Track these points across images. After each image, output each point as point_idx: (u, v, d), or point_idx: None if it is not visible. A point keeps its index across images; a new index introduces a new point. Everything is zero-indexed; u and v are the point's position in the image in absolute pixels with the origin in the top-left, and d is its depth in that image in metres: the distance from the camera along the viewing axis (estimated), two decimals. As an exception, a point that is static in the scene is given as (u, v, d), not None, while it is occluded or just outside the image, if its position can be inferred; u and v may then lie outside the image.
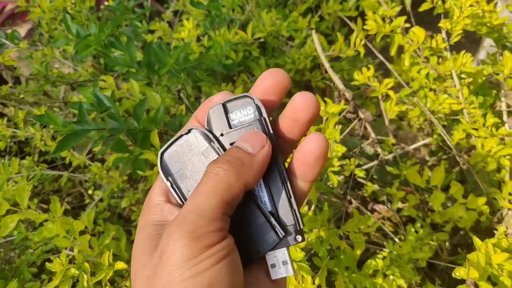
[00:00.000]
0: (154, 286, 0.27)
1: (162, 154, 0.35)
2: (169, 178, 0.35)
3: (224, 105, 0.35)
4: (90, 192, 1.15)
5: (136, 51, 0.81)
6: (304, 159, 0.33)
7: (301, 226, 0.34)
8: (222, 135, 0.35)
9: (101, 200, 0.94)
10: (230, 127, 0.35)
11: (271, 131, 0.34)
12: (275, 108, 0.36)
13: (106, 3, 1.21)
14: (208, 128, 0.35)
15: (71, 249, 0.78)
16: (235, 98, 0.35)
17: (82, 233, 0.72)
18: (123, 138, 0.76)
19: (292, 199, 0.33)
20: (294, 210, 0.33)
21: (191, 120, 0.37)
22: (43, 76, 1.07)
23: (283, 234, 0.33)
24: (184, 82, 0.75)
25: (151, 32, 1.09)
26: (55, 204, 0.73)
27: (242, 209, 0.33)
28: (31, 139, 1.02)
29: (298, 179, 0.34)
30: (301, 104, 0.32)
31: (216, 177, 0.30)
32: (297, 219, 0.33)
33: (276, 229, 0.33)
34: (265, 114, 0.34)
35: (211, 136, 0.35)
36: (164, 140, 0.79)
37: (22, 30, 1.79)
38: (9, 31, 1.24)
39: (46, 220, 0.72)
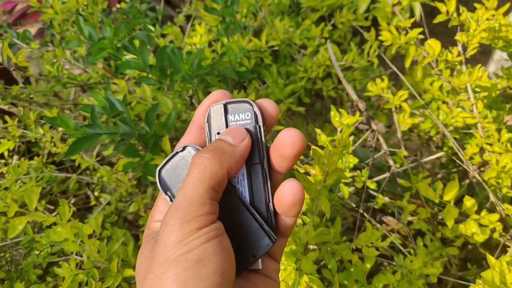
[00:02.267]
0: (152, 267, 0.30)
1: (160, 171, 0.38)
2: (168, 192, 0.37)
3: (225, 106, 0.37)
4: (96, 194, 1.14)
5: (148, 55, 0.80)
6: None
7: (274, 233, 0.36)
8: (218, 133, 0.37)
9: (108, 203, 0.93)
10: (227, 128, 0.37)
11: (264, 140, 0.37)
12: (273, 122, 0.38)
13: (118, 6, 1.21)
14: (207, 123, 0.37)
15: (78, 253, 0.78)
16: (236, 101, 0.37)
17: (89, 236, 0.71)
18: (134, 143, 0.76)
19: (271, 204, 0.36)
20: (270, 213, 0.36)
21: (191, 124, 0.40)
22: (54, 77, 1.07)
23: (276, 238, 0.35)
24: (197, 88, 0.74)
25: (163, 36, 1.09)
26: (64, 207, 0.72)
27: (235, 217, 0.35)
28: (40, 139, 1.02)
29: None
30: (286, 141, 0.35)
31: (201, 166, 0.33)
32: (271, 221, 0.36)
33: (270, 234, 0.35)
34: (260, 123, 0.36)
35: None
36: (174, 146, 0.78)
37: (33, 29, 1.79)
38: (19, 30, 1.24)
39: (54, 223, 0.71)
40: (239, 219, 0.35)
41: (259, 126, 0.36)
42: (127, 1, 1.18)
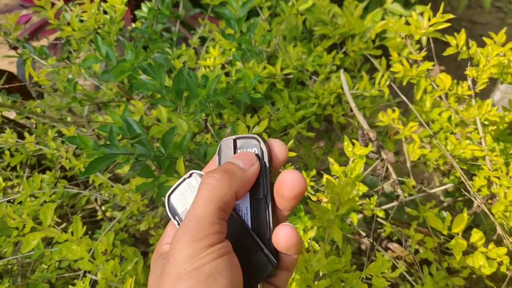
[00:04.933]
0: (163, 282, 0.31)
1: (169, 196, 0.40)
2: (176, 217, 0.39)
3: (235, 141, 0.39)
4: (104, 208, 1.15)
5: (165, 78, 0.83)
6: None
7: (275, 258, 0.37)
8: None
9: (118, 220, 0.95)
10: None
11: (268, 176, 0.38)
12: (280, 164, 0.40)
13: (133, 25, 1.24)
14: (218, 156, 0.40)
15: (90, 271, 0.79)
16: (245, 137, 0.39)
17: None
18: (148, 163, 0.77)
19: (271, 239, 0.37)
20: (271, 246, 0.37)
21: (211, 161, 0.42)
22: (69, 94, 1.10)
23: (276, 262, 0.36)
24: (212, 112, 0.76)
25: (178, 56, 1.12)
26: (77, 224, 0.74)
27: (238, 241, 0.36)
28: (52, 154, 1.04)
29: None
30: (286, 183, 0.37)
31: (211, 186, 0.34)
32: (272, 249, 0.37)
33: (270, 258, 0.36)
34: (266, 159, 0.38)
35: None
36: (187, 167, 0.80)
37: (45, 41, 1.82)
38: (35, 44, 1.27)
39: (66, 240, 0.73)
40: (242, 243, 0.37)
41: (265, 162, 0.38)
42: (142, 21, 1.21)
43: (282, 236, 0.36)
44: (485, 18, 2.96)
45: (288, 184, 0.36)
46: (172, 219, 0.39)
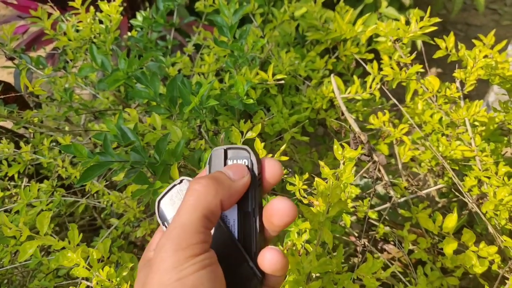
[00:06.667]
0: None
1: (159, 201, 0.40)
2: (165, 223, 0.39)
3: (225, 151, 0.39)
4: (102, 216, 1.16)
5: (159, 86, 0.84)
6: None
7: (260, 275, 0.36)
8: None
9: (115, 227, 0.95)
10: None
11: (257, 188, 0.38)
12: (274, 182, 0.39)
13: (129, 33, 1.26)
14: (208, 165, 0.39)
15: (86, 278, 0.80)
16: (236, 147, 0.39)
17: (97, 261, 0.73)
18: (143, 170, 0.78)
19: (257, 252, 0.36)
20: (255, 260, 0.36)
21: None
22: (65, 103, 1.11)
23: (261, 276, 0.36)
24: (205, 118, 0.77)
25: (172, 64, 1.13)
26: (73, 232, 0.74)
27: (224, 253, 0.36)
28: (49, 163, 1.05)
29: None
30: (277, 211, 0.36)
31: (196, 193, 0.33)
32: (256, 265, 0.36)
33: (255, 272, 0.36)
34: (255, 171, 0.38)
35: None
36: (181, 173, 0.81)
37: (43, 51, 1.84)
38: (32, 54, 1.28)
39: (63, 247, 0.73)
40: (228, 254, 0.36)
41: (254, 174, 0.37)
42: (138, 30, 1.23)
43: (268, 261, 0.35)
44: (480, 21, 2.98)
45: (278, 213, 0.36)
46: (161, 224, 0.39)
